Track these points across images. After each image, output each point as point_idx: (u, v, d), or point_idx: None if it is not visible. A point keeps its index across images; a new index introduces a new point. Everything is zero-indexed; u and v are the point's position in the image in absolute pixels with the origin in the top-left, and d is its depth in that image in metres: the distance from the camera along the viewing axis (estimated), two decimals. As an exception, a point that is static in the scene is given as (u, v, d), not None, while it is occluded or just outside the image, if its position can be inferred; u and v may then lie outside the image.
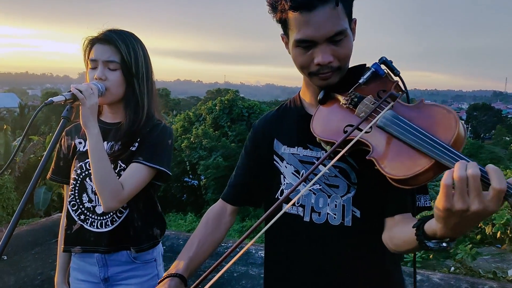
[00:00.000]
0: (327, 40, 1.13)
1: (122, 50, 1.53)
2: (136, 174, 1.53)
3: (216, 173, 23.49)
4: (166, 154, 1.60)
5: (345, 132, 1.13)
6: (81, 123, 1.45)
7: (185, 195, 24.93)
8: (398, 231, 1.12)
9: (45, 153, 1.67)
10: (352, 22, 1.19)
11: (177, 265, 1.26)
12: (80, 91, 1.38)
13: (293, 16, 1.13)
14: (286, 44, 1.24)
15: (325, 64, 1.15)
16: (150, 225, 1.65)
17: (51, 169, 1.72)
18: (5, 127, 19.31)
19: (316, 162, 1.23)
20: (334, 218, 1.21)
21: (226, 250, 4.95)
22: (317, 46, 1.14)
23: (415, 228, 0.97)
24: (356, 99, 1.16)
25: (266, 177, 1.35)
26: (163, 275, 1.23)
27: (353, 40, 1.19)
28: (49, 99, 1.28)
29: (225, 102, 27.20)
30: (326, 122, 1.20)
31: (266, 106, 29.65)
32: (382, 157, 1.03)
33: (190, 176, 24.92)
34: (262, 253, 4.87)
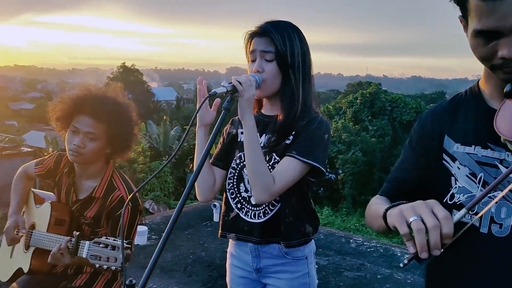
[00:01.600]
0: None
1: (276, 41, 1.52)
2: (288, 168, 1.51)
3: (354, 168, 22.96)
4: (321, 149, 1.54)
5: None
6: (238, 114, 1.48)
7: (321, 189, 24.92)
8: None
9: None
10: None
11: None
12: (240, 83, 1.41)
13: (474, 3, 0.97)
14: (465, 27, 1.07)
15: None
16: (302, 222, 1.61)
17: (214, 154, 1.80)
18: (164, 117, 21.74)
19: (499, 165, 1.06)
20: None
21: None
22: (503, 37, 0.96)
23: None
24: None
25: (433, 177, 1.19)
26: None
27: None
28: (212, 91, 1.32)
29: (367, 95, 26.34)
30: None
31: (411, 100, 27.89)
32: None
33: (328, 169, 24.82)
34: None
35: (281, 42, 1.52)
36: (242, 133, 1.66)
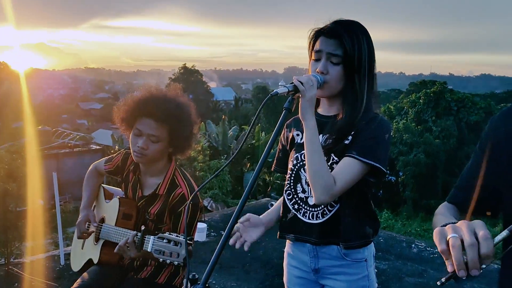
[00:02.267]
0: None
1: (346, 45, 1.49)
2: (348, 169, 1.48)
3: (416, 170, 22.14)
4: (381, 149, 1.51)
5: None
6: (299, 114, 1.48)
7: (381, 191, 24.23)
8: None
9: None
10: None
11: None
12: (301, 83, 1.40)
13: None
14: None
15: None
16: (361, 223, 1.59)
17: (275, 160, 1.82)
18: (223, 117, 22.18)
19: None
20: None
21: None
22: None
23: None
24: None
25: (505, 183, 1.13)
26: None
27: None
28: (274, 91, 1.33)
29: (431, 94, 25.28)
30: None
31: (479, 99, 26.38)
32: None
33: (388, 171, 24.09)
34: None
35: (350, 47, 1.49)
36: (297, 134, 1.67)
